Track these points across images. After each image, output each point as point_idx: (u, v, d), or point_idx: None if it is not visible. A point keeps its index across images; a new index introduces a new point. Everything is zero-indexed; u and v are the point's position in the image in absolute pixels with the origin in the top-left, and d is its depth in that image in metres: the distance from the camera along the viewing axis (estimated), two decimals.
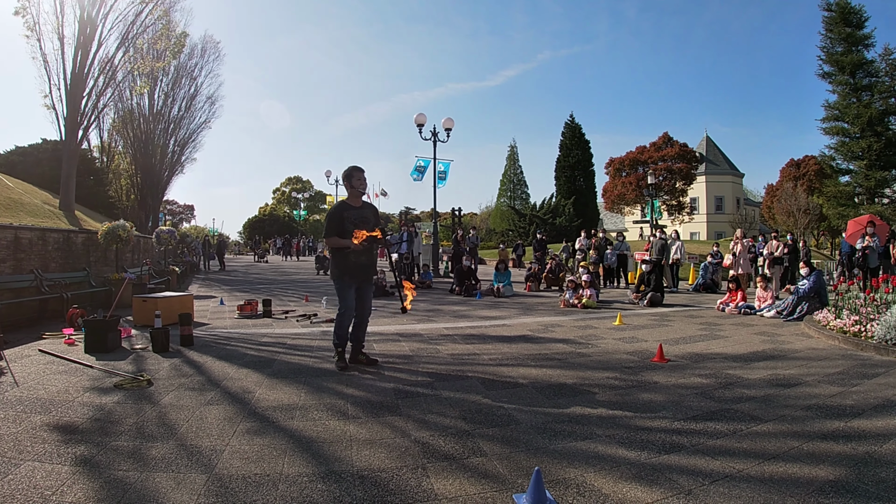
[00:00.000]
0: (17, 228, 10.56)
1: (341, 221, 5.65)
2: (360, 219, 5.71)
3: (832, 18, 39.32)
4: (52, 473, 3.09)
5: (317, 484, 3.01)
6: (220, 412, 4.28)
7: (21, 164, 24.36)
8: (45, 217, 14.72)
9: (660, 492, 2.94)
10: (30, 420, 4.02)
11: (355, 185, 5.78)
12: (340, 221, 5.65)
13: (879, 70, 38.04)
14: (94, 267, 13.23)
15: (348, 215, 5.69)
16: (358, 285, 5.80)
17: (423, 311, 11.01)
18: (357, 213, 5.75)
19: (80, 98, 17.72)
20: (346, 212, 5.71)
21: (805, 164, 53.28)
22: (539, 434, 3.84)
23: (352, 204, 5.83)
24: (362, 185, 5.85)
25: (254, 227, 61.43)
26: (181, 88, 34.90)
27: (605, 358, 6.55)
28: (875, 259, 13.70)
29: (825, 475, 3.16)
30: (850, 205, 38.31)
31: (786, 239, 17.12)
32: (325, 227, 5.80)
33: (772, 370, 5.91)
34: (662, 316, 10.50)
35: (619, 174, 51.05)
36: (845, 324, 7.78)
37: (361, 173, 5.83)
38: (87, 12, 17.42)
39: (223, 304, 11.98)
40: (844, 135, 39.37)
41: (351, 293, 5.74)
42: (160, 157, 34.71)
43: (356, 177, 5.78)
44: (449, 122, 19.25)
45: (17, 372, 5.50)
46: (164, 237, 19.09)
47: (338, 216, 5.69)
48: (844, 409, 4.45)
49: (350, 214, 5.70)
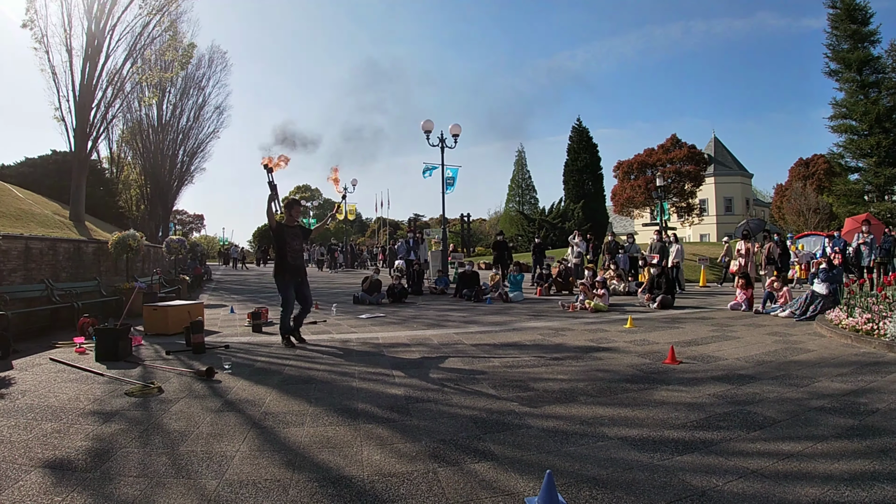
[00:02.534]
0: (28, 239, 10.63)
1: (283, 234, 7.71)
2: (293, 235, 7.83)
3: (837, 16, 39.09)
4: (62, 480, 3.10)
5: (327, 489, 3.00)
6: (230, 419, 4.29)
7: (31, 176, 24.56)
8: (56, 227, 14.83)
9: (673, 493, 2.91)
10: (40, 427, 4.03)
11: (293, 214, 8.05)
12: (283, 234, 7.71)
13: (886, 66, 37.78)
14: (105, 276, 13.29)
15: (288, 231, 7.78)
16: (296, 283, 7.78)
17: (433, 317, 11.00)
18: (291, 230, 7.84)
19: (88, 109, 17.87)
20: (285, 229, 7.77)
21: (814, 162, 52.98)
22: (550, 437, 3.82)
23: (289, 224, 7.89)
24: (297, 215, 8.29)
25: (263, 235, 61.62)
26: (189, 99, 35.24)
27: (616, 361, 6.51)
28: (867, 257, 13.96)
29: (841, 472, 3.12)
30: (860, 203, 37.99)
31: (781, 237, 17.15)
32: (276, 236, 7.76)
33: (784, 370, 5.85)
34: (674, 318, 10.43)
35: (627, 177, 50.81)
36: (857, 322, 7.70)
37: (299, 206, 8.52)
38: (94, 24, 17.59)
39: (233, 312, 11.99)
40: (853, 132, 39.07)
41: (290, 290, 7.71)
42: (169, 168, 34.97)
43: (294, 209, 8.12)
44: (456, 129, 19.24)
45: (29, 380, 5.54)
46: (174, 246, 19.17)
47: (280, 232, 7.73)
48: (858, 408, 4.40)
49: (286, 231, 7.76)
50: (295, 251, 7.82)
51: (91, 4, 17.58)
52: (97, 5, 17.63)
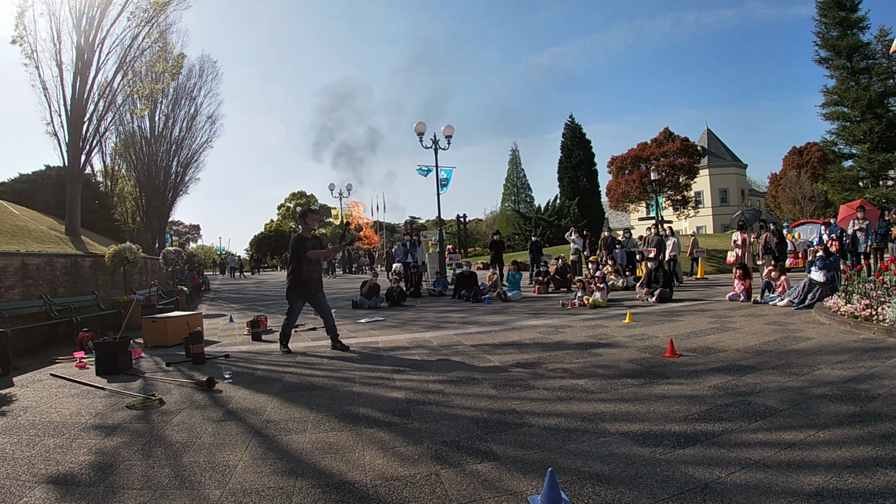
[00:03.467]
0: (25, 255, 10.62)
1: (304, 247, 7.57)
2: (313, 246, 7.73)
3: (826, 3, 39.24)
4: (66, 495, 3.09)
5: (330, 494, 3.00)
6: (231, 428, 4.28)
7: (26, 192, 24.55)
8: (52, 243, 14.80)
9: (676, 487, 2.91)
10: (43, 443, 4.03)
11: (309, 223, 7.92)
12: (304, 247, 7.57)
13: (876, 52, 37.91)
14: (103, 290, 13.28)
15: (308, 244, 7.66)
16: (311, 296, 7.75)
17: (433, 319, 11.01)
18: (311, 241, 7.74)
19: (80, 123, 17.85)
20: (306, 241, 7.67)
21: (807, 151, 53.07)
22: (552, 435, 3.82)
23: (306, 236, 7.77)
24: (313, 224, 8.09)
25: (260, 243, 61.54)
26: (181, 109, 35.20)
27: (616, 356, 6.51)
28: (864, 243, 14.10)
29: (843, 460, 3.13)
30: (855, 189, 38.09)
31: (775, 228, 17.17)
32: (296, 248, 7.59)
33: (784, 359, 5.87)
34: (672, 311, 10.44)
35: (621, 172, 50.97)
36: (856, 308, 7.72)
37: (315, 215, 8.31)
38: (84, 38, 17.57)
39: (232, 321, 11.99)
40: (845, 119, 39.22)
41: (298, 304, 7.75)
42: (164, 179, 34.91)
43: (310, 217, 7.99)
44: (449, 130, 19.23)
45: (30, 397, 5.53)
46: (170, 258, 19.15)
47: (301, 244, 7.61)
48: (859, 394, 4.41)
49: (307, 244, 7.64)
50: (312, 264, 7.69)
51: (80, 19, 17.57)
52: (86, 19, 17.62)
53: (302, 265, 7.58)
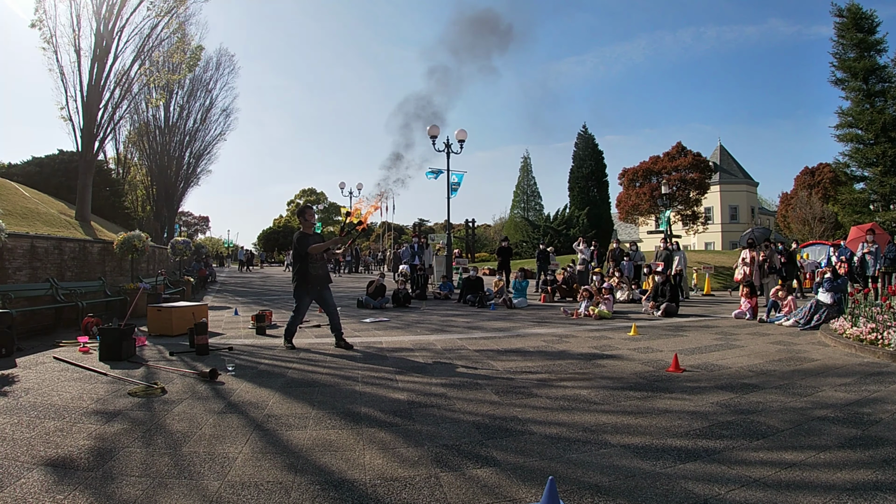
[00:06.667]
0: (34, 238, 10.68)
1: (307, 244, 7.60)
2: (315, 241, 7.78)
3: (844, 24, 38.98)
4: (63, 479, 3.10)
5: (329, 492, 3.00)
6: (232, 420, 4.29)
7: (38, 175, 24.71)
8: (61, 227, 14.90)
9: (675, 501, 2.89)
10: (43, 425, 4.04)
11: (308, 219, 8.05)
12: (307, 243, 7.60)
13: (892, 75, 37.62)
14: (110, 276, 13.35)
15: (310, 240, 7.71)
16: (318, 293, 7.80)
17: (437, 322, 11.01)
18: (312, 238, 7.85)
19: (96, 110, 17.99)
20: (308, 238, 7.73)
21: (819, 171, 52.81)
22: (553, 444, 3.81)
23: (307, 232, 7.91)
24: (312, 219, 8.23)
25: (268, 238, 61.71)
26: (196, 101, 35.46)
27: (619, 368, 6.49)
28: (872, 266, 13.93)
29: (843, 482, 3.10)
30: (866, 212, 37.80)
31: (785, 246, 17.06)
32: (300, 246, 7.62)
33: (787, 379, 5.83)
34: (678, 326, 10.40)
35: (632, 184, 50.76)
36: (862, 332, 7.66)
37: (312, 211, 8.44)
38: (103, 25, 17.70)
39: (237, 314, 12.02)
40: (858, 141, 38.91)
41: (306, 302, 7.84)
42: (175, 169, 35.13)
43: (308, 213, 8.12)
44: (462, 134, 19.26)
45: (32, 379, 5.56)
46: (179, 247, 19.23)
47: (304, 240, 7.64)
48: (861, 417, 4.38)
49: (309, 240, 7.69)
50: (317, 261, 7.69)
51: (100, 6, 17.73)
52: (106, 6, 17.77)
53: (308, 262, 7.56)
